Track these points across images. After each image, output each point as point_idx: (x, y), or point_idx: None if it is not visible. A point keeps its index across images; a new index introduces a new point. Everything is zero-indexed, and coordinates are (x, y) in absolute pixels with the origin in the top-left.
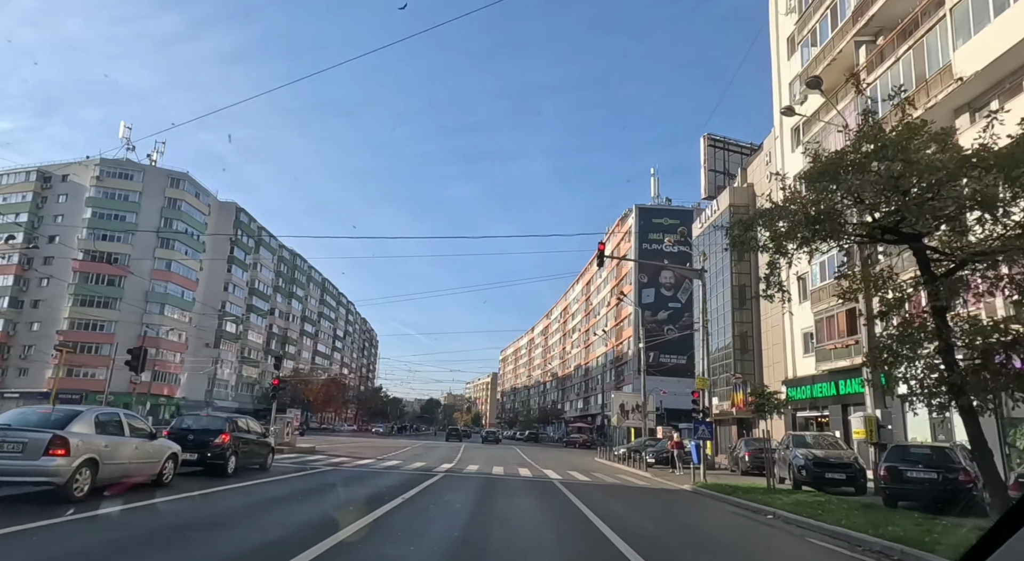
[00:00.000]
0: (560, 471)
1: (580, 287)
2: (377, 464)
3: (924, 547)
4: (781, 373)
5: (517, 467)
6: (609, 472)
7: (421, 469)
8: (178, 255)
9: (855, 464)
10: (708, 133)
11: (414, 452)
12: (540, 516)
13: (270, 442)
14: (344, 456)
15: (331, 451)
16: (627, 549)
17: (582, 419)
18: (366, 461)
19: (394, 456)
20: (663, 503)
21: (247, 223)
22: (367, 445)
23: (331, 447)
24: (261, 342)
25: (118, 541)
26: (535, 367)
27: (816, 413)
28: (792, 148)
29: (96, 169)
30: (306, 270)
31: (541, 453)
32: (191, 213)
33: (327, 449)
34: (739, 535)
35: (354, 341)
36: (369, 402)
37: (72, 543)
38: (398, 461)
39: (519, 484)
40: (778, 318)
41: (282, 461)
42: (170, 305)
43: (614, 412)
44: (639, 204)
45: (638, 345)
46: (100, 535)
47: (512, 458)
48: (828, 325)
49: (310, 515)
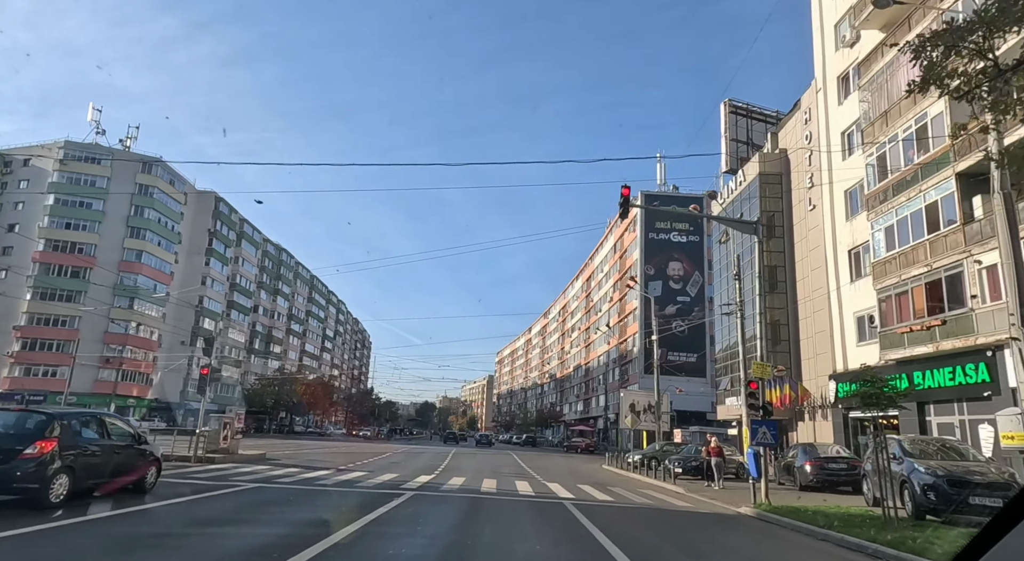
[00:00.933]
0: (569, 485)
1: (580, 283)
2: (332, 477)
3: None
4: (826, 366)
5: (514, 479)
6: (629, 486)
7: (387, 485)
8: (150, 246)
9: (1015, 484)
10: (730, 98)
11: (391, 460)
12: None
13: (150, 451)
14: (296, 466)
15: (285, 459)
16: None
17: (583, 422)
18: (320, 473)
19: (363, 465)
20: (736, 543)
21: (227, 214)
22: (342, 451)
23: (290, 453)
24: (243, 341)
25: None
26: (532, 369)
27: (877, 413)
28: (840, 99)
29: (60, 152)
30: (293, 266)
31: (541, 460)
32: (165, 201)
33: (281, 457)
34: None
35: (345, 342)
36: (360, 405)
37: None
38: (363, 473)
39: (518, 509)
40: (822, 302)
41: (198, 475)
42: (140, 299)
43: (624, 413)
44: (645, 191)
45: (646, 340)
46: None
47: (508, 467)
48: (899, 304)
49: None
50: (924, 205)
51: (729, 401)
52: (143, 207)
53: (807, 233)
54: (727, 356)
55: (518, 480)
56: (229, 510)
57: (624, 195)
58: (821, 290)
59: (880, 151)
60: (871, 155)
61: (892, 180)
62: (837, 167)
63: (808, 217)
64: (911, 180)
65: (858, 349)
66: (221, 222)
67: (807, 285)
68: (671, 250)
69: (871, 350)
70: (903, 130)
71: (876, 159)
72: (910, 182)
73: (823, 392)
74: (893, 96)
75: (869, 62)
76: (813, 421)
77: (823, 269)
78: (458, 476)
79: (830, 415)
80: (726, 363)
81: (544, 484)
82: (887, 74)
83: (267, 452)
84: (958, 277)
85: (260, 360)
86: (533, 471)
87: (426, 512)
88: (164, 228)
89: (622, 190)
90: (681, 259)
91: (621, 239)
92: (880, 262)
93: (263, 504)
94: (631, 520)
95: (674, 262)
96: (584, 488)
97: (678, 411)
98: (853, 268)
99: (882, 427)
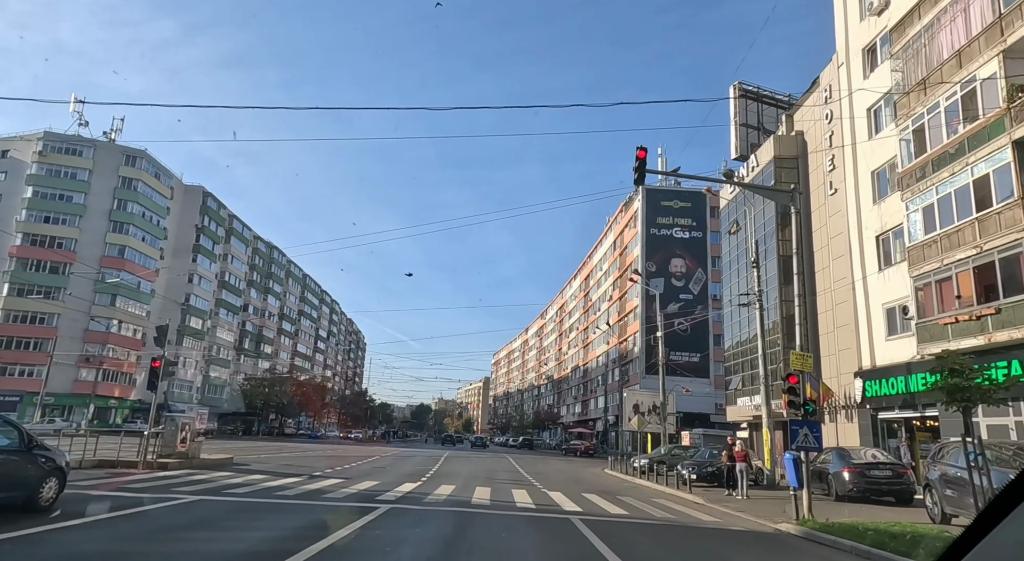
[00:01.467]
0: (572, 494)
1: (578, 282)
2: (299, 486)
3: None
4: (851, 362)
5: (510, 488)
6: (641, 495)
7: (361, 495)
8: (133, 241)
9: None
10: (740, 81)
11: (376, 464)
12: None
13: (48, 459)
14: (264, 473)
15: (257, 464)
16: None
17: (582, 424)
18: (288, 481)
19: (343, 471)
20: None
21: (216, 210)
22: (327, 454)
23: (266, 457)
24: (232, 340)
25: None
26: (529, 370)
27: (912, 414)
28: (866, 73)
29: (39, 144)
30: (284, 264)
31: (539, 464)
32: (150, 195)
33: (253, 461)
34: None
35: (339, 342)
36: (353, 406)
37: None
38: (338, 480)
39: (516, 529)
40: (844, 293)
41: (134, 486)
42: (123, 296)
43: (627, 414)
44: (646, 185)
45: (651, 336)
46: None
47: (504, 472)
48: (940, 292)
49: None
50: (972, 179)
51: (741, 401)
52: (126, 201)
53: (827, 220)
54: (736, 354)
55: (515, 488)
56: (133, 537)
57: (640, 158)
58: (844, 280)
59: (917, 123)
60: (905, 129)
61: (932, 154)
62: (863, 146)
63: (828, 202)
64: (955, 153)
65: (888, 344)
66: (209, 218)
67: (827, 276)
68: (673, 246)
69: (904, 345)
70: (945, 98)
71: (912, 132)
72: (954, 155)
73: (847, 391)
74: (933, 61)
75: (902, 27)
76: (835, 423)
77: (846, 258)
78: (448, 483)
79: (856, 416)
80: (735, 361)
81: (544, 493)
82: (925, 38)
83: (236, 456)
84: (1015, 259)
85: (251, 360)
86: (531, 477)
87: (398, 537)
88: (149, 223)
89: (638, 153)
90: (683, 255)
91: (621, 236)
92: (917, 246)
93: (188, 527)
94: (656, 543)
95: (676, 259)
96: (591, 498)
97: (680, 413)
98: (881, 255)
99: (915, 429)
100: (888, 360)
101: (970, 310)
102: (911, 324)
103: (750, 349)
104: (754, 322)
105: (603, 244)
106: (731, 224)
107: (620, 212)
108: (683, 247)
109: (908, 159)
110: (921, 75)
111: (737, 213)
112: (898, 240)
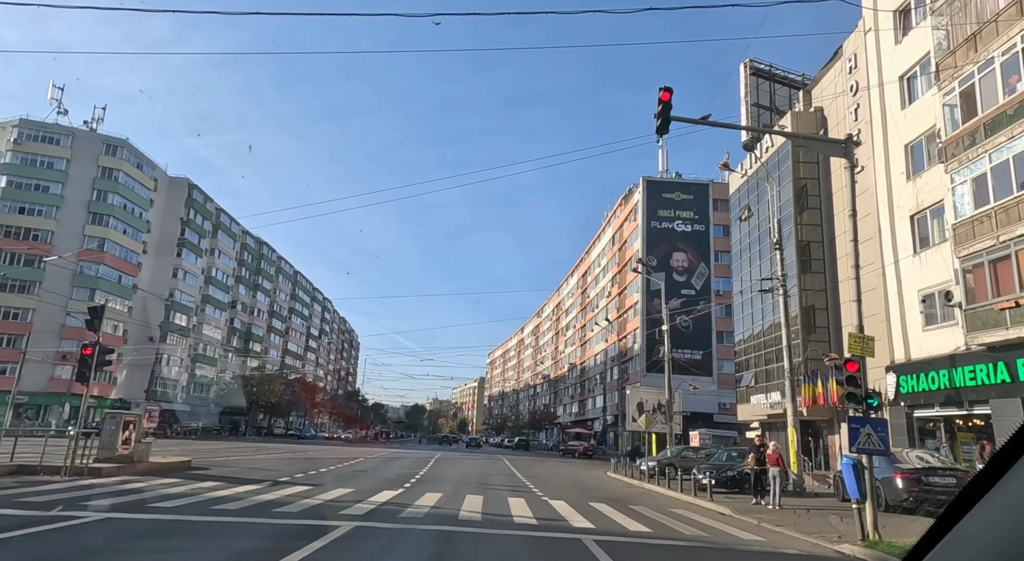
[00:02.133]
0: (579, 504)
1: (575, 280)
2: (252, 497)
3: None
4: (881, 356)
5: (507, 495)
6: (656, 503)
7: (325, 508)
8: (114, 233)
9: None
10: (751, 59)
11: (356, 467)
12: None
13: None
14: (221, 479)
15: (217, 468)
16: None
17: (580, 424)
18: (243, 489)
19: (316, 476)
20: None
21: (202, 203)
22: (307, 456)
23: (236, 459)
24: (220, 338)
25: None
26: (525, 369)
27: (956, 412)
28: (898, 37)
29: (14, 131)
30: (275, 261)
31: (536, 466)
32: (131, 186)
33: (215, 465)
34: None
35: (331, 341)
36: (345, 407)
37: None
38: (305, 487)
39: (513, 556)
40: (873, 280)
41: (36, 497)
42: (102, 291)
43: (630, 412)
44: (647, 176)
45: (655, 329)
46: None
47: (499, 476)
48: (995, 273)
49: None
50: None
51: (755, 399)
52: (106, 192)
53: (850, 202)
54: (749, 348)
55: (511, 496)
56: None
57: (664, 101)
58: (872, 266)
59: (965, 84)
60: (951, 92)
61: (984, 117)
62: (894, 118)
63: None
64: (1014, 114)
65: (925, 334)
66: (195, 211)
67: (850, 263)
68: (675, 240)
69: (945, 335)
70: (1002, 52)
71: (959, 95)
72: (1013, 116)
73: (877, 387)
74: (987, 12)
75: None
76: None
77: (874, 242)
78: (434, 491)
79: (888, 414)
80: (748, 356)
81: (546, 503)
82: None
83: (199, 459)
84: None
85: (239, 359)
86: (529, 482)
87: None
88: (130, 215)
89: (661, 95)
90: (686, 249)
91: (620, 230)
92: (965, 223)
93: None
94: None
95: (678, 253)
96: (600, 509)
97: (687, 413)
98: (917, 237)
99: (956, 428)
100: (926, 352)
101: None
102: (955, 312)
103: (766, 342)
104: (769, 313)
105: (601, 239)
106: (742, 210)
107: (619, 206)
108: (685, 241)
109: (953, 126)
110: (971, 30)
111: (748, 198)
112: (937, 219)
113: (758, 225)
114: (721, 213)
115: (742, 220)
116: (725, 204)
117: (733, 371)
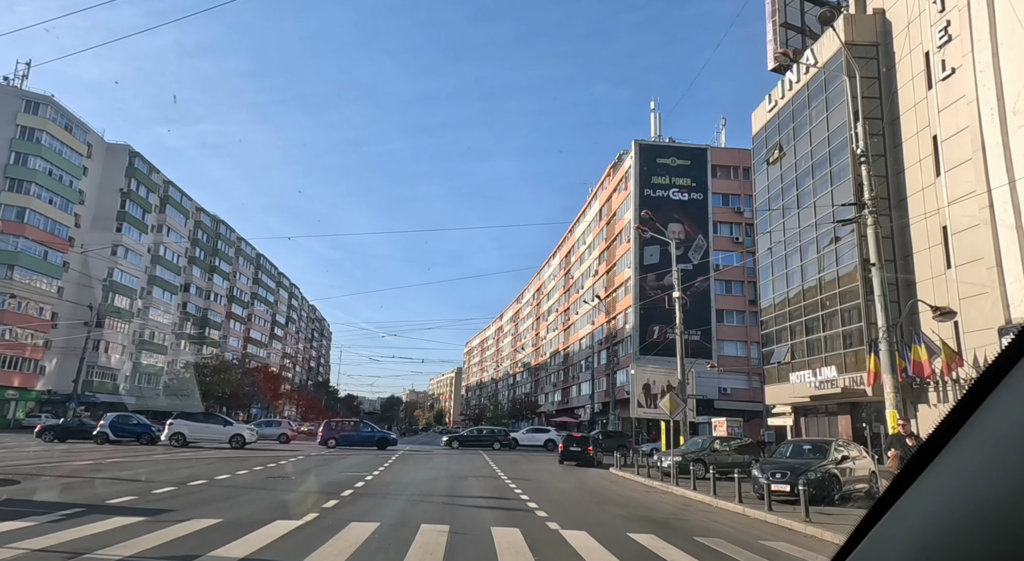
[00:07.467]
0: (613, 539)
1: (558, 261)
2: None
3: None
4: (987, 314)
5: (490, 523)
6: (731, 532)
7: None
8: (36, 202)
9: None
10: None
11: (271, 474)
12: None
13: None
14: (26, 506)
15: (63, 484)
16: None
17: (564, 412)
18: (17, 525)
19: (201, 487)
20: None
21: (146, 173)
22: (231, 457)
23: (117, 464)
24: (170, 323)
25: None
26: (504, 358)
27: None
28: None
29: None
30: (234, 241)
31: (524, 464)
32: (58, 150)
33: (61, 479)
34: None
35: (300, 329)
36: (315, 398)
37: None
38: (137, 519)
39: None
40: (975, 214)
41: None
42: (23, 268)
43: (635, 396)
44: (639, 140)
45: (668, 301)
46: None
47: (477, 481)
48: None
49: None
50: None
51: (794, 378)
52: (26, 155)
53: (924, 124)
54: (782, 316)
55: (498, 526)
56: None
57: None
58: (971, 197)
59: None
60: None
61: None
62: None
63: (938, 91)
64: None
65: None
66: (138, 182)
67: (928, 198)
68: (671, 209)
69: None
70: None
71: None
72: None
73: (981, 355)
74: None
75: None
76: (950, 402)
77: (972, 164)
78: (370, 516)
79: None
80: (782, 326)
81: (558, 536)
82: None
83: (52, 471)
84: None
85: (195, 346)
86: (522, 493)
87: None
88: (57, 182)
89: None
90: (682, 220)
91: (609, 202)
92: None
93: None
94: None
95: (674, 224)
96: (655, 550)
97: (702, 396)
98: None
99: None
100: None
101: None
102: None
103: (806, 307)
104: (812, 269)
105: (587, 215)
106: (771, 149)
107: (607, 176)
108: (681, 210)
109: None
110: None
111: (781, 134)
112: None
113: (795, 164)
114: (721, 180)
115: (771, 163)
116: (726, 171)
117: (734, 353)
